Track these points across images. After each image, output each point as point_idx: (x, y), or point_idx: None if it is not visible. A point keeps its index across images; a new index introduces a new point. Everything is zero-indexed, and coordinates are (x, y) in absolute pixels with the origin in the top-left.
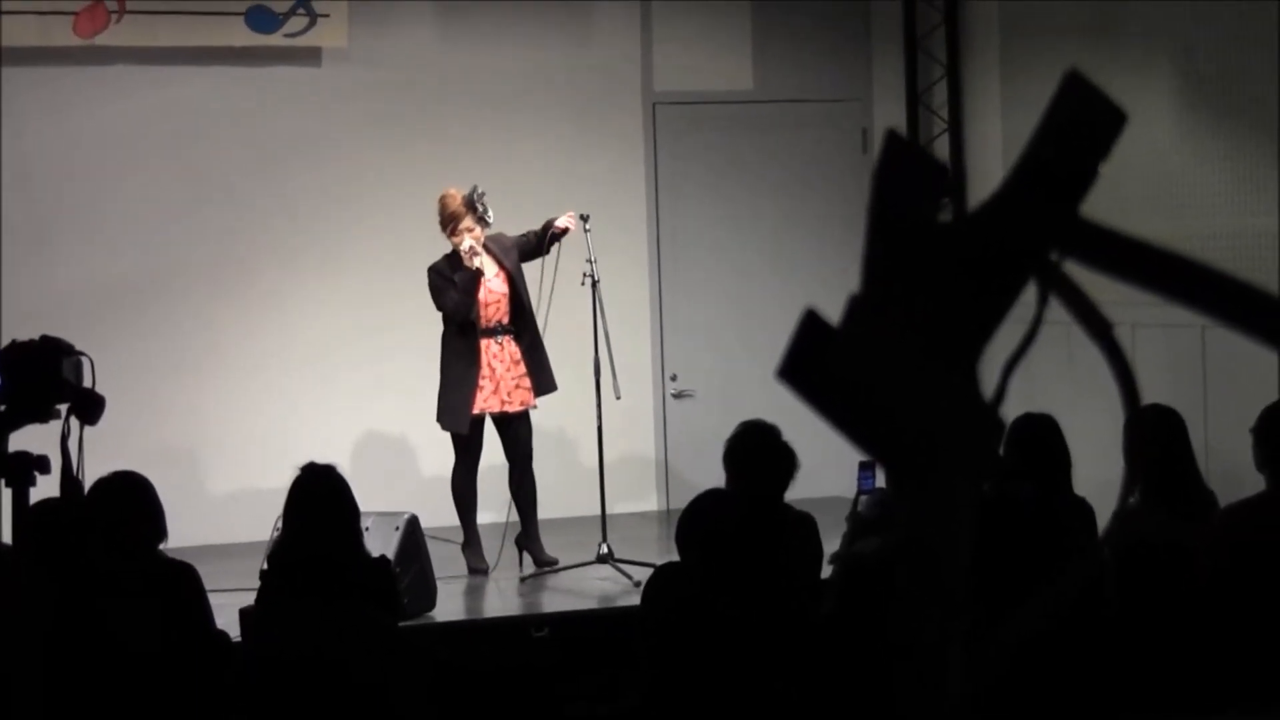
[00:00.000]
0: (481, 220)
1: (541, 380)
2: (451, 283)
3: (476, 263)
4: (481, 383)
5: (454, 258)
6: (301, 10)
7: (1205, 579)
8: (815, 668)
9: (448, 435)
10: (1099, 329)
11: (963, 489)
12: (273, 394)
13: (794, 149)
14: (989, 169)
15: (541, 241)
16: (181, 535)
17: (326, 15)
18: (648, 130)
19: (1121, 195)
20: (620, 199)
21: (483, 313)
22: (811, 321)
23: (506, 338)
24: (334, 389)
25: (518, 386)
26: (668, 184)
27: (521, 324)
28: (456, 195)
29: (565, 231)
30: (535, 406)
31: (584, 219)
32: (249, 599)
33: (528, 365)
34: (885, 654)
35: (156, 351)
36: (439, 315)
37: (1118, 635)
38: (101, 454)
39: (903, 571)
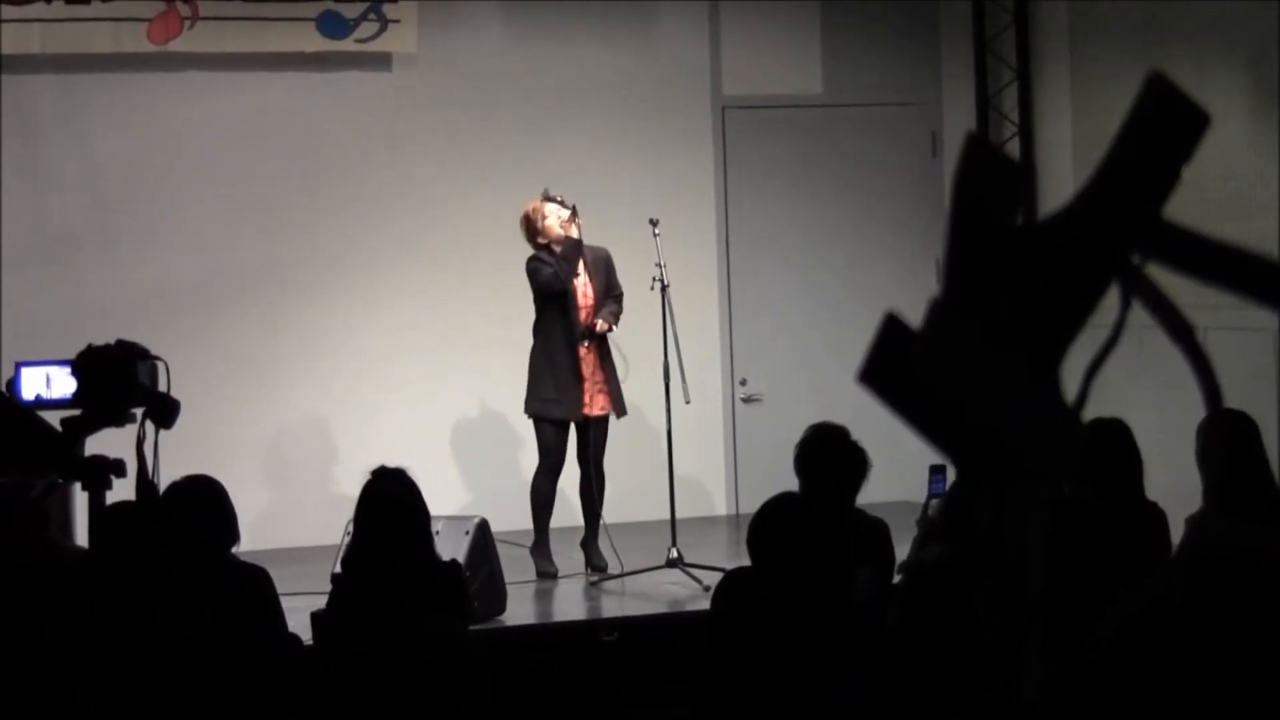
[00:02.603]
0: (562, 203)
1: (617, 398)
2: (546, 264)
3: (575, 232)
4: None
5: (547, 251)
6: (372, 15)
7: (1274, 587)
8: (884, 677)
9: (518, 439)
10: (1181, 331)
11: (1042, 493)
12: (344, 398)
13: (863, 152)
14: (1059, 172)
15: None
16: (254, 539)
17: (397, 20)
18: (717, 134)
19: (1193, 199)
20: (689, 203)
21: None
22: (892, 325)
23: (592, 343)
24: (405, 393)
25: (600, 391)
26: (737, 188)
27: (601, 336)
28: (531, 201)
29: (599, 328)
30: (622, 415)
31: (653, 223)
32: (321, 602)
33: (605, 374)
34: (953, 663)
35: (230, 355)
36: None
37: (1185, 643)
38: (176, 457)
39: (979, 576)
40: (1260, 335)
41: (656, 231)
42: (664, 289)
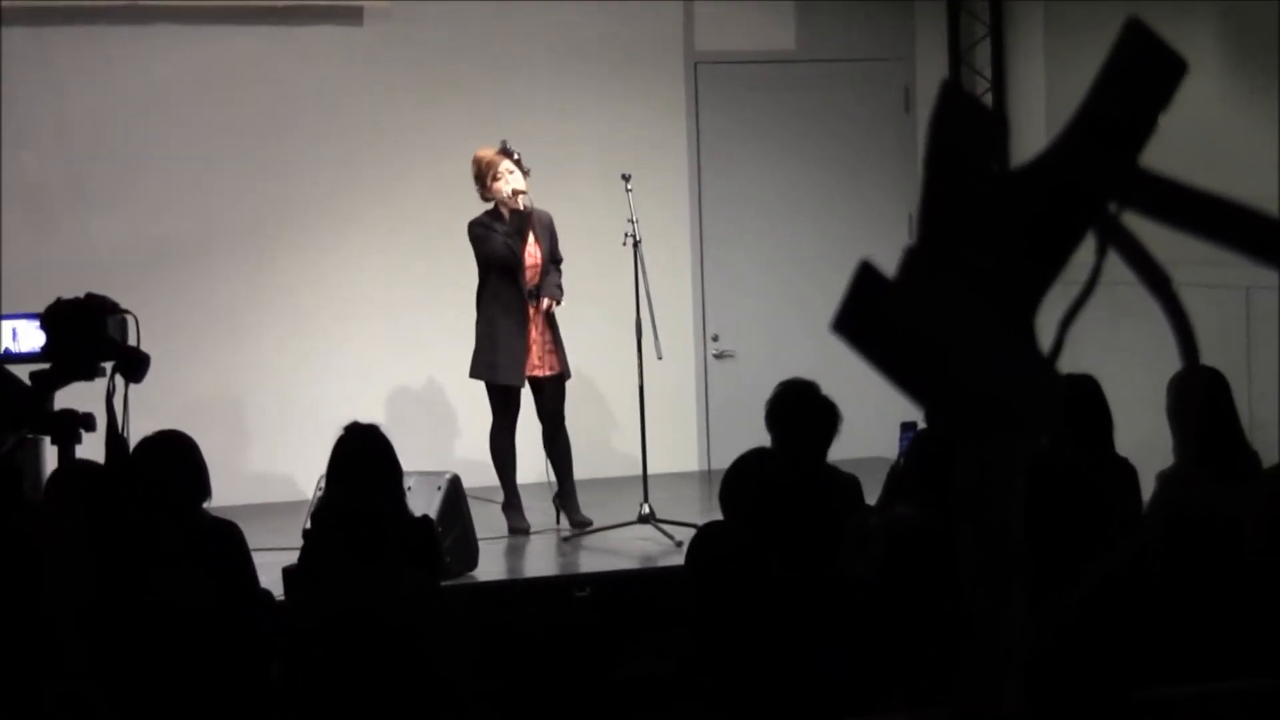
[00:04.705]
0: (520, 165)
1: (564, 359)
2: (493, 231)
3: (524, 202)
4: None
5: (494, 213)
6: None
7: (1252, 544)
8: (858, 629)
9: (487, 396)
10: (1158, 282)
11: (1022, 445)
12: (314, 353)
13: (836, 108)
14: (1032, 127)
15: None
16: (224, 494)
17: None
18: (689, 90)
19: (1164, 155)
20: (662, 159)
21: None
22: (867, 273)
23: (538, 306)
24: (375, 348)
25: (548, 351)
26: (709, 143)
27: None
28: (487, 149)
29: (545, 306)
30: (567, 377)
31: (625, 179)
32: (292, 558)
33: (552, 335)
34: (935, 625)
35: (198, 309)
36: (476, 273)
37: (1161, 599)
38: (146, 411)
39: (960, 532)
40: (1231, 292)
41: (629, 187)
42: (636, 245)
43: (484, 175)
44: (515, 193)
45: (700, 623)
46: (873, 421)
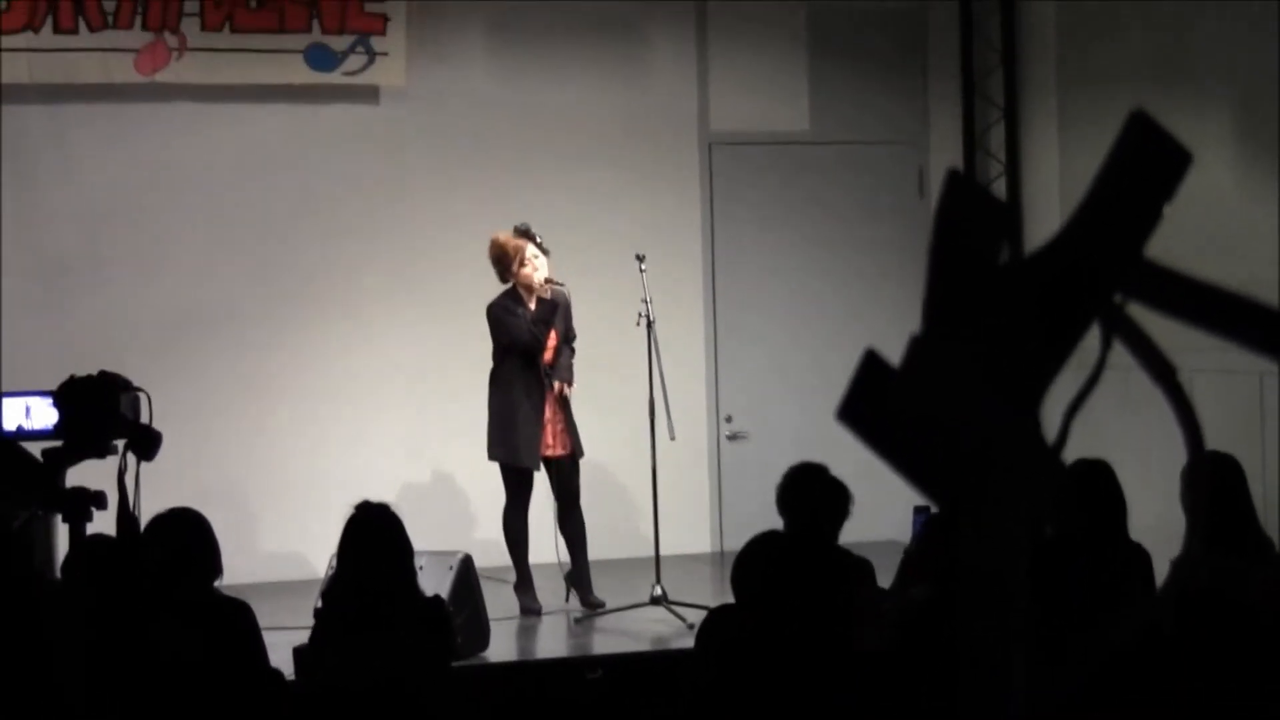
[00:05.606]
0: (542, 248)
1: (576, 439)
2: (516, 315)
3: (558, 294)
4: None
5: (513, 294)
6: (360, 49)
7: (1264, 628)
8: (871, 711)
9: (499, 475)
10: (1162, 372)
11: (1022, 532)
12: (327, 432)
13: (850, 191)
14: (1046, 212)
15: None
16: (236, 573)
17: (385, 54)
18: (704, 170)
19: (1177, 240)
20: (676, 239)
21: None
22: (871, 362)
23: (552, 387)
24: (388, 428)
25: (561, 431)
26: (723, 224)
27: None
28: (507, 234)
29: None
30: (580, 455)
31: (640, 259)
32: (303, 637)
33: (565, 415)
34: (945, 696)
35: (211, 387)
36: (490, 354)
37: (1175, 682)
38: (157, 489)
39: (962, 613)
40: (1246, 378)
41: (643, 267)
42: (650, 325)
43: (508, 259)
44: (547, 282)
45: (706, 705)
46: (884, 504)
